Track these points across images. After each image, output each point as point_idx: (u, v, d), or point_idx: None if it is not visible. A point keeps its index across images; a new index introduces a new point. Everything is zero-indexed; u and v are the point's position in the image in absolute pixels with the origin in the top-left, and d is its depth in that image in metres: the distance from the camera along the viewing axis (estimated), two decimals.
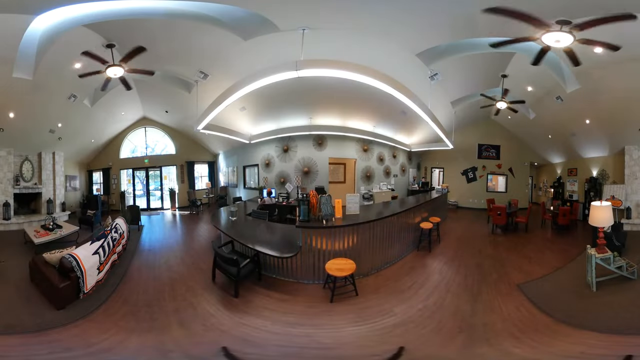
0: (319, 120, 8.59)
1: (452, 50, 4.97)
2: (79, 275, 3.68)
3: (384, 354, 2.67)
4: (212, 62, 5.65)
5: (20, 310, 3.37)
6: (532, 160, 12.13)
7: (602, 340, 2.73)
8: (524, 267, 4.89)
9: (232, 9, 3.85)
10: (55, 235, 6.00)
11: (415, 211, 6.09)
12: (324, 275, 4.00)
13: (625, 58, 4.70)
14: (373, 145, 10.56)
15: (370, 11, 3.84)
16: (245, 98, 6.09)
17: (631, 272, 3.95)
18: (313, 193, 4.64)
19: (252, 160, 10.60)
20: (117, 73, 5.07)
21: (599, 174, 8.61)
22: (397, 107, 7.15)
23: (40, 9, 3.62)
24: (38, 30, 4.21)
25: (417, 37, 4.49)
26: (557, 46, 3.73)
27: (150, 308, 3.50)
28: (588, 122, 7.36)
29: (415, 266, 4.95)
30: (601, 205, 3.80)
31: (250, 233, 5.02)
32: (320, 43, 4.42)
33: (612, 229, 5.33)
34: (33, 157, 8.80)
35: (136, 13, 4.01)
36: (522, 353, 2.60)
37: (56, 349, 2.70)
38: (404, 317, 3.27)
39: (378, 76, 4.13)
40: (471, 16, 3.64)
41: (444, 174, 13.16)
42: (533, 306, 3.45)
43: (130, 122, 11.40)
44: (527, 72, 6.02)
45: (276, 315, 3.33)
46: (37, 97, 6.38)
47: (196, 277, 4.47)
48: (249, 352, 2.71)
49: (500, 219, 7.34)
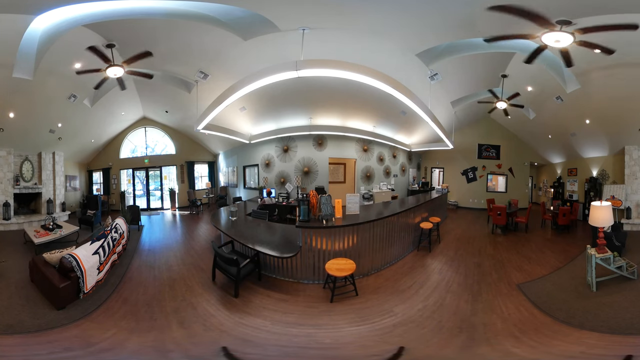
0: (319, 120, 8.59)
1: (452, 50, 4.97)
2: (79, 275, 3.68)
3: (384, 354, 2.67)
4: (212, 62, 5.65)
5: (20, 310, 3.36)
6: (532, 160, 12.13)
7: (602, 340, 2.73)
8: (524, 267, 4.89)
9: (232, 9, 3.85)
10: (55, 235, 6.00)
11: (415, 211, 6.08)
12: (324, 275, 4.00)
13: (625, 58, 4.71)
14: (373, 145, 10.56)
15: (370, 11, 3.84)
16: (245, 98, 6.10)
17: (631, 272, 3.95)
18: (313, 193, 4.64)
19: (252, 160, 10.60)
20: (117, 73, 5.09)
21: (599, 174, 8.61)
22: (397, 107, 7.15)
23: (40, 9, 3.62)
24: (38, 30, 4.22)
25: (417, 37, 4.49)
26: (556, 46, 3.74)
27: (150, 308, 3.50)
28: (588, 122, 7.37)
29: (415, 266, 4.95)
30: (601, 205, 3.80)
31: (250, 233, 5.02)
32: (320, 43, 4.42)
33: (612, 229, 5.34)
34: (33, 157, 8.80)
35: (136, 13, 4.01)
36: (522, 353, 2.60)
37: (56, 349, 2.70)
38: (404, 317, 3.27)
39: (378, 76, 4.12)
40: (471, 16, 3.64)
41: (444, 174, 13.16)
42: (533, 306, 3.45)
43: (130, 122, 11.41)
44: (527, 72, 6.03)
45: (276, 315, 3.33)
46: (37, 97, 6.38)
47: (196, 277, 4.46)
48: (249, 352, 2.71)
49: (500, 219, 7.34)
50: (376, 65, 4.28)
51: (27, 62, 4.93)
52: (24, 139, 7.96)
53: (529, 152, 11.75)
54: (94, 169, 11.96)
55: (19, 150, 8.32)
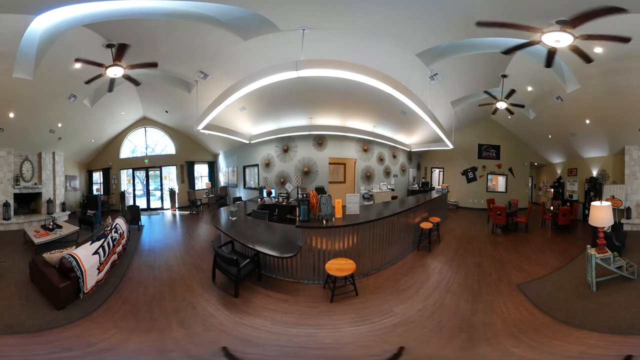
0: (319, 120, 8.59)
1: (452, 50, 4.97)
2: (79, 275, 3.68)
3: (384, 354, 2.67)
4: (212, 62, 5.65)
5: (20, 310, 3.36)
6: (532, 160, 12.13)
7: (602, 340, 2.72)
8: (524, 267, 4.89)
9: (232, 9, 3.85)
10: (55, 235, 6.00)
11: (415, 211, 6.08)
12: (324, 275, 4.00)
13: (625, 56, 4.71)
14: (373, 145, 10.56)
15: (370, 11, 3.84)
16: (245, 98, 6.09)
17: (631, 272, 3.95)
18: (313, 193, 4.64)
19: (252, 160, 10.60)
20: (117, 73, 5.08)
21: (599, 174, 8.61)
22: (397, 107, 7.15)
23: (40, 9, 3.62)
24: (38, 30, 4.21)
25: (417, 37, 4.49)
26: (558, 46, 3.73)
27: (150, 308, 3.50)
28: (588, 122, 7.37)
29: (415, 266, 4.95)
30: (601, 205, 3.80)
31: (250, 233, 5.02)
32: (320, 43, 4.42)
33: (612, 229, 5.34)
34: (33, 157, 8.80)
35: (136, 13, 4.01)
36: (522, 353, 2.60)
37: (56, 349, 2.70)
38: (404, 317, 3.27)
39: (378, 76, 4.12)
40: (471, 16, 3.64)
41: (444, 174, 13.16)
42: (533, 306, 3.45)
43: (130, 122, 11.41)
44: (527, 72, 6.04)
45: (276, 315, 3.33)
46: (37, 97, 6.38)
47: (196, 277, 4.46)
48: (248, 352, 2.71)
49: (500, 219, 7.34)
50: (376, 65, 4.28)
51: (27, 62, 4.93)
52: (24, 139, 7.96)
53: (529, 152, 11.75)
54: (94, 169, 11.96)
55: (19, 150, 8.32)
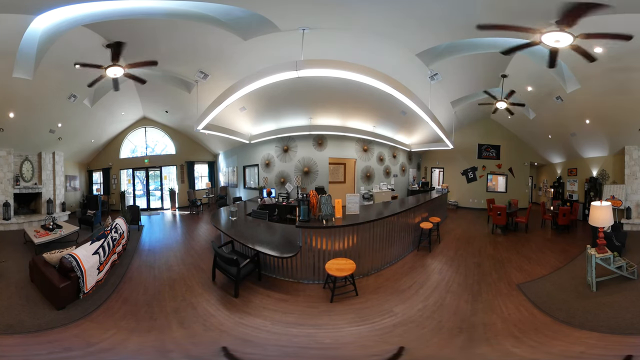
0: (319, 120, 8.59)
1: (452, 50, 4.97)
2: (79, 275, 3.68)
3: (384, 354, 2.67)
4: (212, 62, 5.65)
5: (20, 310, 3.36)
6: (532, 160, 12.13)
7: (602, 340, 2.72)
8: (524, 267, 4.89)
9: (232, 9, 3.85)
10: (55, 235, 6.00)
11: (415, 211, 6.08)
12: (324, 275, 4.00)
13: (625, 56, 4.71)
14: (373, 145, 10.55)
15: (370, 11, 3.84)
16: (245, 98, 6.10)
17: (631, 272, 3.95)
18: (313, 193, 4.64)
19: (252, 160, 10.60)
20: (117, 73, 5.08)
21: (599, 174, 8.61)
22: (397, 107, 7.15)
23: (40, 9, 3.62)
24: (38, 30, 4.22)
25: (416, 37, 4.49)
26: (559, 46, 3.73)
27: (150, 308, 3.50)
28: (588, 122, 7.37)
29: (415, 266, 4.95)
30: (601, 205, 3.80)
31: (250, 233, 5.02)
32: (320, 43, 4.42)
33: (612, 229, 5.34)
34: (33, 157, 8.80)
35: (136, 13, 4.01)
36: (522, 353, 2.60)
37: (56, 349, 2.70)
38: (404, 317, 3.27)
39: (378, 76, 4.12)
40: (471, 16, 3.64)
41: (444, 174, 13.16)
42: (533, 306, 3.45)
43: (130, 122, 11.41)
44: (527, 72, 6.04)
45: (276, 315, 3.33)
46: (37, 97, 6.38)
47: (196, 277, 4.46)
48: (249, 352, 2.71)
49: (500, 219, 7.34)
50: (376, 65, 4.28)
51: (27, 62, 4.93)
52: (24, 139, 7.96)
53: (529, 152, 11.75)
54: (94, 169, 11.96)
55: (19, 150, 8.32)
